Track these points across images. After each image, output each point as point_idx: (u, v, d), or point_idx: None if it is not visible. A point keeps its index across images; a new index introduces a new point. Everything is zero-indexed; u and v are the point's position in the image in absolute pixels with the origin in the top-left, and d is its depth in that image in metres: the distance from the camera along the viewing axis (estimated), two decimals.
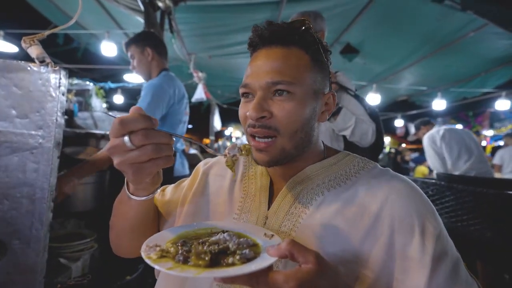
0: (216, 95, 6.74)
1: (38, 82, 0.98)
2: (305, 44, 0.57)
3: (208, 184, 0.70)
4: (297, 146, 0.57)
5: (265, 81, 0.54)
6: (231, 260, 0.41)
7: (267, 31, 0.57)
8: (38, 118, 0.99)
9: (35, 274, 0.96)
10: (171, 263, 0.41)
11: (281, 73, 0.54)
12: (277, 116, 0.54)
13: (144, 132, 0.44)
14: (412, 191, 0.55)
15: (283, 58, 0.55)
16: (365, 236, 0.52)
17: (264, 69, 0.55)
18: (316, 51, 0.58)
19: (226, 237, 0.47)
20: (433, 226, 0.51)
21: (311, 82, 0.56)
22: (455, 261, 0.51)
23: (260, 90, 0.55)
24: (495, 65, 4.07)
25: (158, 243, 0.47)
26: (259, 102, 0.54)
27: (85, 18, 3.68)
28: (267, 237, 0.48)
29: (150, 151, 0.45)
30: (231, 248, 0.44)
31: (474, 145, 2.76)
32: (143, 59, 1.75)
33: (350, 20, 3.31)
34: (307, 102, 0.56)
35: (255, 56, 0.59)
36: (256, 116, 0.54)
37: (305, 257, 0.39)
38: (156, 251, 0.44)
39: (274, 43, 0.57)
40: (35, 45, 0.95)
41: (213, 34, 3.72)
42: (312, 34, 0.58)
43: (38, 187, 0.98)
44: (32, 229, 0.97)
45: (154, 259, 0.43)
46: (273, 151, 0.56)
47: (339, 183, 0.58)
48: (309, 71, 0.56)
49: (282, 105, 0.54)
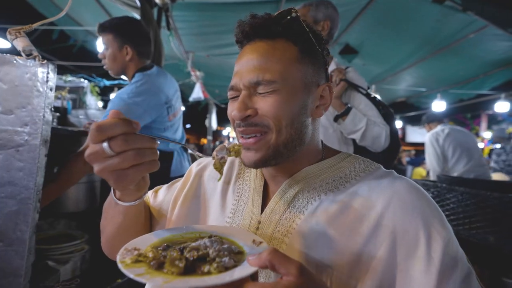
0: (214, 94, 6.70)
1: (24, 76, 0.94)
2: (292, 35, 0.54)
3: (201, 186, 0.68)
4: (286, 144, 0.53)
5: (248, 80, 0.52)
6: (207, 268, 0.39)
7: (248, 25, 0.54)
8: (24, 114, 0.94)
9: (19, 278, 0.92)
10: (143, 269, 0.39)
11: (263, 70, 0.51)
12: (262, 112, 0.52)
13: (124, 138, 0.41)
14: (417, 195, 0.51)
15: (266, 53, 0.52)
16: (364, 244, 0.48)
17: (247, 67, 0.52)
18: (306, 41, 0.54)
19: (207, 243, 0.44)
20: (440, 236, 0.47)
21: (300, 75, 0.53)
22: (466, 273, 0.47)
23: (244, 89, 0.53)
24: (494, 67, 4.07)
25: (138, 246, 0.44)
26: (242, 101, 0.52)
27: (81, 14, 3.63)
28: (255, 244, 0.45)
29: (132, 157, 0.42)
30: (210, 255, 0.42)
31: (475, 148, 2.75)
32: (119, 57, 1.48)
33: (349, 20, 3.28)
34: (295, 96, 0.52)
35: (240, 53, 0.56)
36: (240, 116, 0.51)
37: (287, 268, 0.36)
38: (133, 255, 0.42)
39: (257, 37, 0.54)
40: (21, 37, 0.90)
41: (211, 33, 3.68)
42: (300, 23, 0.54)
43: (23, 186, 0.93)
44: (16, 231, 0.92)
45: (127, 263, 0.40)
46: (262, 148, 0.52)
47: (337, 187, 0.55)
48: (297, 63, 0.53)
49: (266, 100, 0.52)
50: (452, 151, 2.70)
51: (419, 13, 3.00)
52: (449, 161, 2.71)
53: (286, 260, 0.36)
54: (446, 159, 2.73)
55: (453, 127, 2.91)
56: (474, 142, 2.86)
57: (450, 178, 1.70)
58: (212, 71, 5.04)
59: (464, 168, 2.64)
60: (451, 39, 3.40)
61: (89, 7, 3.33)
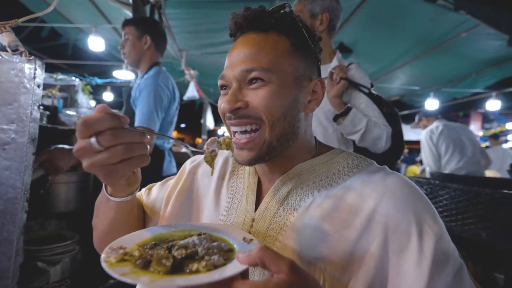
0: (209, 93, 6.67)
1: (10, 72, 0.91)
2: (285, 28, 0.53)
3: (195, 183, 0.67)
4: (280, 138, 0.52)
5: (239, 70, 0.51)
6: (195, 267, 0.38)
7: (241, 17, 0.53)
8: (10, 112, 0.92)
9: (7, 279, 0.89)
10: (128, 268, 0.38)
11: (255, 60, 0.50)
12: (253, 104, 0.51)
13: (112, 132, 0.40)
14: (409, 190, 0.51)
15: (258, 44, 0.52)
16: (357, 239, 0.48)
17: (238, 58, 0.52)
18: (298, 36, 0.54)
19: (196, 241, 0.43)
20: (432, 230, 0.47)
21: (291, 68, 0.53)
22: (458, 268, 0.47)
23: (235, 81, 0.52)
24: (486, 66, 4.12)
25: (124, 245, 0.43)
26: (233, 93, 0.51)
27: (72, 12, 3.58)
28: (246, 242, 0.44)
29: (120, 152, 0.41)
30: (199, 253, 0.41)
31: (469, 145, 2.76)
32: (138, 45, 1.62)
33: (343, 19, 3.29)
34: (287, 89, 0.52)
35: (233, 45, 0.56)
36: (230, 108, 0.50)
37: (278, 266, 0.35)
38: (118, 253, 0.41)
39: (250, 30, 0.54)
40: (6, 31, 0.88)
41: (204, 31, 3.65)
42: (293, 18, 0.54)
43: (10, 185, 0.91)
44: (3, 232, 0.90)
45: (111, 263, 0.39)
46: (255, 145, 0.52)
47: (330, 183, 0.54)
48: (289, 56, 0.53)
49: (257, 92, 0.51)
50: (445, 148, 2.71)
51: (412, 12, 3.02)
52: (442, 159, 2.73)
53: (277, 258, 0.35)
54: (440, 156, 2.75)
55: (447, 124, 2.91)
56: (469, 138, 2.84)
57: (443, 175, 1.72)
58: (206, 70, 5.01)
59: (457, 165, 2.66)
60: (444, 38, 3.43)
61: (80, 5, 3.28)
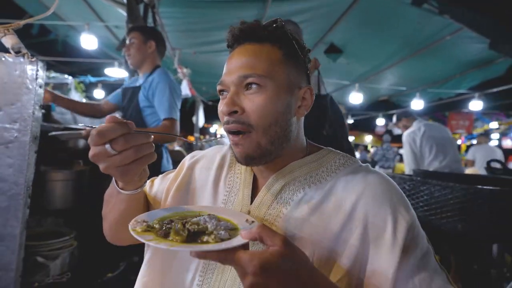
0: (201, 91, 6.67)
1: (13, 73, 0.95)
2: (277, 39, 0.59)
3: (193, 178, 0.71)
4: (273, 142, 0.57)
5: (237, 75, 0.56)
6: (206, 238, 0.46)
7: (238, 30, 0.59)
8: (13, 111, 0.95)
9: (11, 272, 0.93)
10: (152, 237, 0.46)
11: (251, 67, 0.56)
12: (248, 111, 0.56)
13: (123, 138, 0.47)
14: (387, 186, 0.58)
15: (254, 53, 0.57)
16: (341, 229, 0.55)
17: (236, 65, 0.57)
18: (289, 47, 0.59)
19: (206, 219, 0.51)
20: (404, 219, 0.54)
21: (284, 76, 0.58)
22: (425, 251, 0.54)
23: (232, 86, 0.57)
24: (468, 67, 4.29)
25: (146, 219, 0.52)
26: (231, 97, 0.56)
27: (63, 8, 3.53)
28: (248, 223, 0.52)
29: (132, 154, 0.49)
30: (209, 229, 0.48)
31: (450, 144, 2.84)
32: (143, 48, 1.76)
33: (334, 20, 3.37)
34: (280, 96, 0.57)
35: (230, 54, 0.61)
36: (228, 110, 0.55)
37: (273, 240, 0.42)
38: (143, 225, 0.49)
39: (247, 41, 0.59)
40: (10, 34, 0.91)
41: (198, 30, 3.67)
42: (285, 30, 0.60)
43: (13, 182, 0.94)
44: (7, 226, 0.94)
45: (138, 231, 0.47)
46: (248, 145, 0.57)
47: (319, 180, 0.60)
48: (282, 65, 0.58)
49: (253, 99, 0.56)
50: (428, 149, 2.78)
51: (399, 15, 3.13)
52: (426, 159, 2.81)
53: (272, 234, 0.42)
54: (423, 157, 2.81)
55: (428, 124, 2.97)
56: (449, 137, 2.93)
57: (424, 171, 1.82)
58: (199, 68, 5.02)
59: (440, 164, 2.75)
60: (429, 40, 3.56)
61: (71, 1, 3.25)
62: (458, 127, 8.01)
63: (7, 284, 0.93)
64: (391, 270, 0.51)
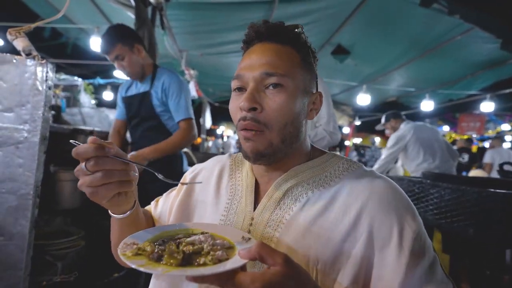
0: (208, 93, 6.71)
1: (24, 75, 0.96)
2: (297, 44, 0.60)
3: (194, 191, 0.71)
4: (285, 140, 0.57)
5: (259, 72, 0.56)
6: (203, 260, 0.43)
7: (263, 27, 0.60)
8: (24, 112, 0.97)
9: (20, 271, 0.95)
10: (144, 261, 0.43)
11: (275, 66, 0.56)
12: (267, 110, 0.56)
13: (95, 160, 0.48)
14: (393, 192, 0.57)
15: (277, 53, 0.58)
16: (346, 236, 0.53)
17: (259, 62, 0.57)
18: (306, 53, 0.61)
19: (202, 238, 0.48)
20: (411, 228, 0.53)
21: (302, 78, 0.59)
22: (431, 261, 0.53)
23: (252, 82, 0.57)
24: (480, 68, 4.19)
25: (136, 241, 0.49)
26: (251, 93, 0.55)
27: (74, 12, 3.60)
28: (244, 240, 0.49)
29: (100, 177, 0.49)
30: (205, 249, 0.46)
31: (438, 145, 2.77)
32: (134, 57, 1.62)
33: (341, 21, 3.35)
34: (298, 96, 0.58)
35: (249, 50, 0.61)
36: (249, 106, 0.55)
37: (274, 259, 0.40)
38: (133, 248, 0.46)
39: (269, 39, 0.59)
40: (21, 37, 0.93)
41: (205, 32, 3.70)
42: (303, 37, 0.61)
43: (23, 182, 0.96)
44: (16, 226, 0.95)
45: (128, 256, 0.44)
46: (260, 141, 0.56)
47: (323, 185, 0.59)
48: (300, 68, 0.59)
49: (274, 98, 0.56)
50: (416, 152, 2.73)
51: (407, 15, 3.08)
52: (414, 162, 2.75)
53: (273, 252, 0.40)
54: (411, 160, 2.77)
55: (416, 125, 2.90)
56: (437, 138, 2.85)
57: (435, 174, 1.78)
58: (206, 69, 5.05)
59: (429, 166, 2.70)
60: (439, 40, 3.50)
61: (82, 5, 3.31)
62: (469, 129, 7.84)
63: (16, 282, 0.94)
64: (397, 280, 0.49)
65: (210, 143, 11.72)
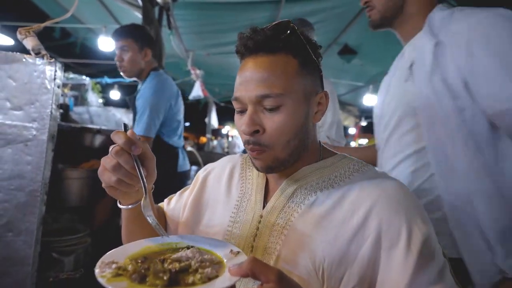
0: (214, 93, 6.74)
1: (33, 74, 0.98)
2: (292, 48, 0.56)
3: (206, 190, 0.73)
4: (291, 154, 0.58)
5: (255, 95, 0.54)
6: (191, 279, 0.40)
7: (251, 41, 0.56)
8: (32, 110, 0.98)
9: (27, 266, 0.96)
10: (126, 283, 0.39)
11: (269, 85, 0.53)
12: (269, 130, 0.55)
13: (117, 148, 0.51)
14: (404, 194, 0.56)
15: (270, 67, 0.54)
16: (353, 236, 0.53)
17: (252, 81, 0.54)
18: (303, 53, 0.57)
19: (189, 254, 0.45)
20: (420, 231, 0.52)
21: (301, 87, 0.56)
22: (441, 266, 0.51)
23: (250, 104, 0.55)
24: None
25: (115, 259, 0.44)
26: (250, 117, 0.55)
27: (82, 12, 3.65)
28: (233, 254, 0.47)
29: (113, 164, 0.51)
30: (193, 266, 0.43)
31: None
32: (138, 58, 1.63)
33: (348, 21, 3.32)
34: (299, 109, 0.56)
35: (242, 65, 0.58)
36: (249, 131, 0.55)
37: (267, 276, 0.38)
38: (112, 268, 0.42)
39: (259, 51, 0.56)
40: (30, 36, 0.94)
41: (211, 31, 3.71)
42: (298, 36, 0.57)
43: (31, 179, 0.97)
44: (24, 222, 0.97)
45: (108, 278, 0.40)
46: (266, 159, 0.57)
47: (332, 184, 0.59)
48: (298, 76, 0.56)
49: (273, 118, 0.55)
50: None
51: None
52: None
53: (265, 268, 0.39)
54: None
55: None
56: None
57: None
58: (212, 69, 5.07)
59: None
60: None
61: (90, 5, 3.35)
62: None
63: (23, 278, 0.95)
64: (404, 282, 0.49)
65: (215, 143, 11.77)
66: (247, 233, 0.60)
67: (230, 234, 0.62)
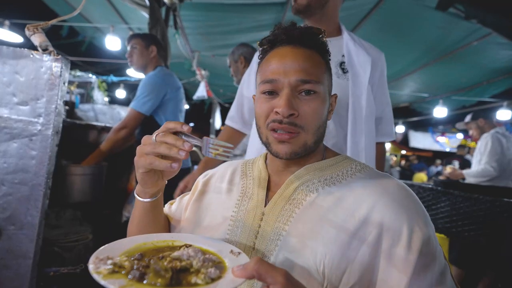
0: (218, 94, 6.75)
1: (40, 70, 0.99)
2: (322, 50, 0.63)
3: (208, 192, 0.74)
4: (316, 141, 0.61)
5: (295, 79, 0.58)
6: (194, 279, 0.38)
7: (297, 31, 0.61)
8: (38, 106, 1.00)
9: (29, 260, 0.97)
10: (125, 281, 0.37)
11: (309, 73, 0.58)
12: (303, 115, 0.58)
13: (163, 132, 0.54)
14: (406, 195, 0.56)
15: (309, 59, 0.60)
16: (354, 234, 0.53)
17: (293, 67, 0.58)
18: (327, 58, 0.65)
19: (191, 253, 0.44)
20: (421, 231, 0.52)
21: (327, 83, 0.63)
22: (442, 268, 0.51)
23: (287, 88, 0.58)
24: (497, 75, 4.07)
25: (110, 255, 0.42)
26: (289, 99, 0.57)
27: (90, 11, 3.70)
28: (234, 255, 0.45)
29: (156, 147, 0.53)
30: (194, 266, 0.41)
31: None
32: (145, 53, 1.88)
33: (354, 25, 3.32)
34: (325, 101, 0.61)
35: (278, 53, 0.61)
36: (288, 113, 0.57)
37: (274, 277, 0.37)
38: (108, 264, 0.40)
39: (300, 44, 0.61)
40: (38, 33, 0.96)
41: (217, 33, 3.73)
42: (325, 43, 0.64)
43: (35, 173, 0.98)
44: (27, 215, 0.98)
45: (105, 275, 0.38)
46: (296, 143, 0.59)
47: (334, 182, 0.60)
48: (325, 73, 0.62)
49: (308, 103, 0.59)
50: None
51: (422, 19, 3.03)
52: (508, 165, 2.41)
53: (272, 269, 0.38)
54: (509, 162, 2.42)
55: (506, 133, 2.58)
56: None
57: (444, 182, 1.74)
58: (217, 71, 5.09)
59: None
60: (455, 46, 3.42)
61: (98, 4, 3.40)
62: None
63: (25, 271, 0.96)
64: (404, 281, 0.48)
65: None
66: (249, 230, 0.61)
67: (231, 231, 0.63)
